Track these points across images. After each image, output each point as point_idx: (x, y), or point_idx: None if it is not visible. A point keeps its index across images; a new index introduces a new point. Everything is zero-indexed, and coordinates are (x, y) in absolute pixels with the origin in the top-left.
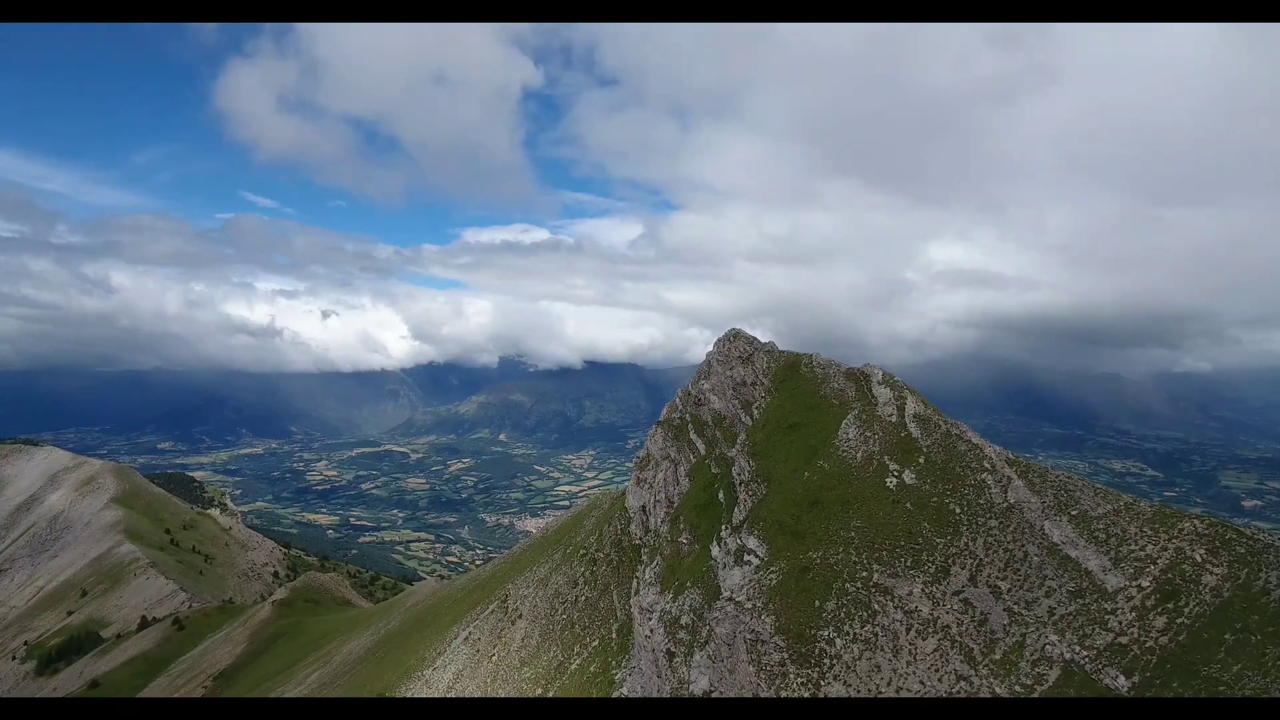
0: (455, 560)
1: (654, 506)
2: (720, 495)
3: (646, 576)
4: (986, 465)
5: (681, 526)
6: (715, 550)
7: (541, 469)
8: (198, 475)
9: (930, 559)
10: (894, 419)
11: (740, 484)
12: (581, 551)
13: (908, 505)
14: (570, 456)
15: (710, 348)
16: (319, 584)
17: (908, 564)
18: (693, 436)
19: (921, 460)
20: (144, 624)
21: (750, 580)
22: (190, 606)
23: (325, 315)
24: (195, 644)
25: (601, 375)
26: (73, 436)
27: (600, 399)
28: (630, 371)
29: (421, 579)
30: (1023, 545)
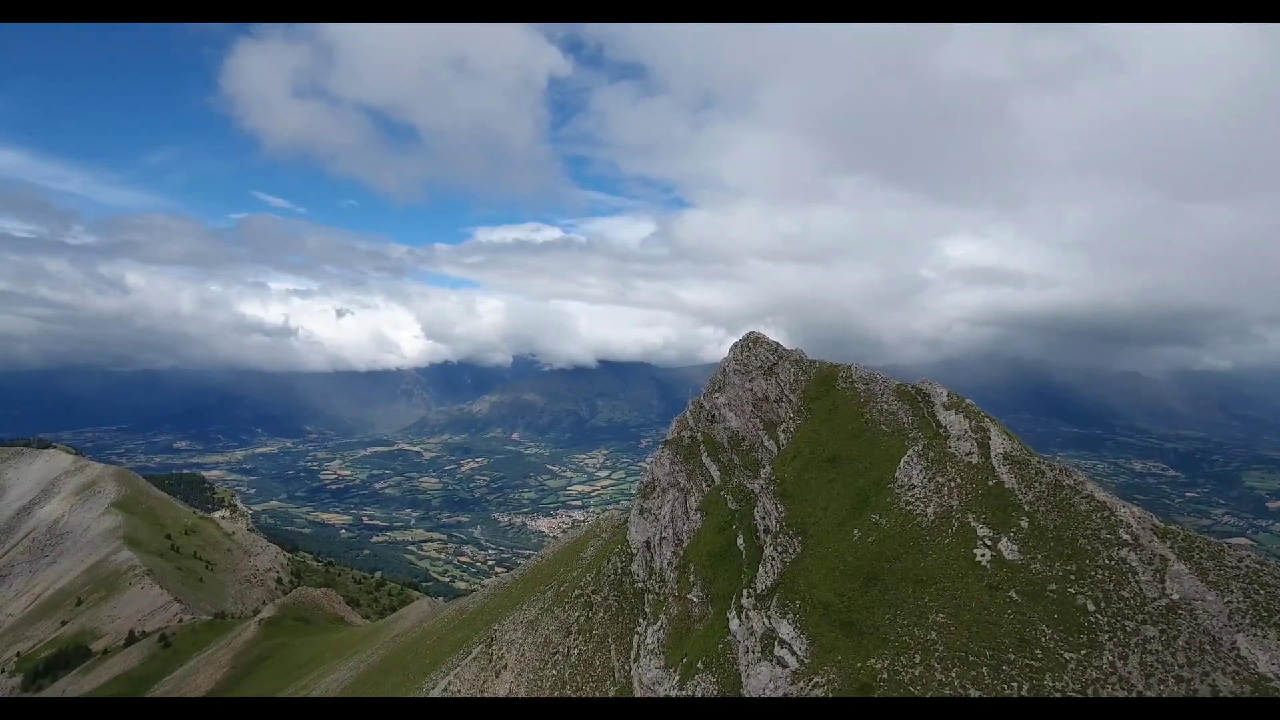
0: (467, 561)
1: (659, 544)
2: (740, 541)
3: (649, 640)
4: (1125, 536)
5: (692, 579)
6: (734, 622)
7: (554, 468)
8: (212, 474)
9: (1058, 685)
10: (975, 459)
11: (765, 532)
12: (576, 592)
13: (1012, 594)
14: (583, 456)
15: (726, 354)
16: (310, 600)
17: (1024, 691)
18: (705, 461)
19: (1024, 524)
20: (131, 639)
21: (784, 692)
22: (181, 620)
23: (340, 314)
24: (180, 663)
25: (614, 374)
26: (90, 436)
27: (613, 398)
28: (643, 370)
29: (432, 581)
30: (1207, 673)
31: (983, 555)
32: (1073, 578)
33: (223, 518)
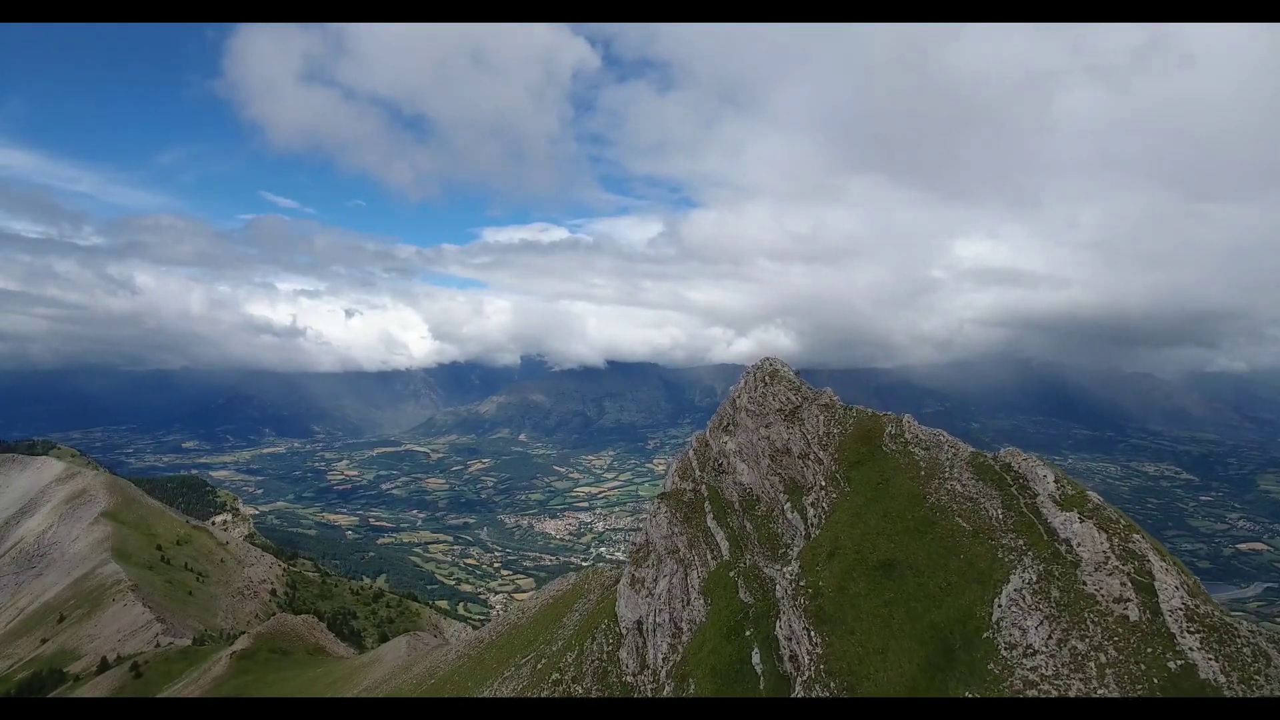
0: (473, 563)
1: (653, 629)
2: (755, 658)
3: None
4: None
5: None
6: None
7: (561, 469)
8: (220, 475)
9: None
10: (1133, 613)
11: (791, 661)
12: (555, 675)
13: None
14: (590, 457)
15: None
16: (289, 628)
17: None
18: (711, 524)
19: None
20: (104, 666)
21: None
22: (158, 643)
23: (348, 315)
24: (148, 696)
25: (622, 375)
26: (100, 435)
27: (620, 399)
28: (651, 371)
29: (437, 584)
30: None
31: None
32: None
33: (222, 523)
